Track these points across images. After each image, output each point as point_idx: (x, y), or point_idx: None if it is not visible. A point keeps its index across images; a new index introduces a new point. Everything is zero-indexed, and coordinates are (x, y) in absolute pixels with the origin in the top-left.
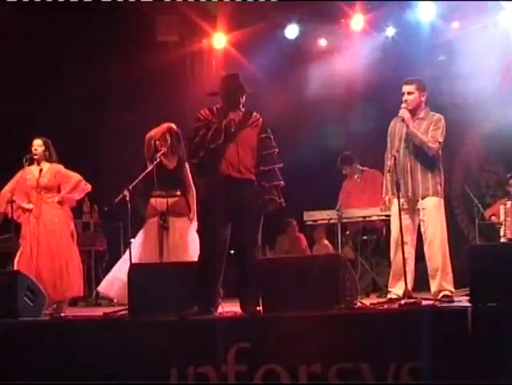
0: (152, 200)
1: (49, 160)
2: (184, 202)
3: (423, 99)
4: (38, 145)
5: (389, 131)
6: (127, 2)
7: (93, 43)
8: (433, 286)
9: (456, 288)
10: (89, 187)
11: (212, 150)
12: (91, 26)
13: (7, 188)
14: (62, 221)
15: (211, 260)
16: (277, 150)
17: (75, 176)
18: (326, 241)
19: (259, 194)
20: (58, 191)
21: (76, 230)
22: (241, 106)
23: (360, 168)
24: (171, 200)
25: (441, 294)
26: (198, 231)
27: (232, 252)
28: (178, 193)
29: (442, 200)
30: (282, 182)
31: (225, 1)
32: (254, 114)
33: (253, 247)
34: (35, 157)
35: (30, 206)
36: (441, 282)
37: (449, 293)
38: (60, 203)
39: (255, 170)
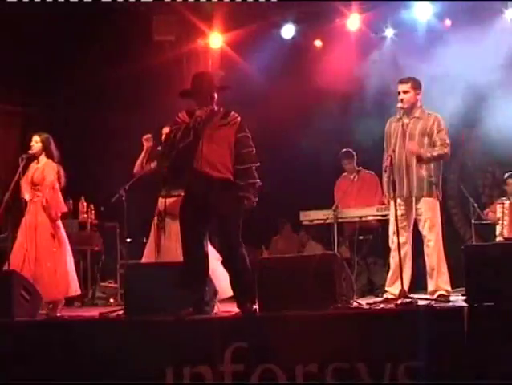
0: (158, 200)
1: (47, 157)
2: None
3: (418, 97)
4: (35, 141)
5: (385, 131)
6: (123, 2)
7: (89, 43)
8: (430, 286)
9: (452, 288)
10: (53, 196)
11: (183, 149)
12: (88, 25)
13: (22, 182)
14: (43, 223)
15: (193, 262)
16: (254, 149)
17: (47, 181)
18: (313, 243)
19: (237, 193)
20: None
21: (68, 231)
22: (211, 103)
23: (357, 167)
24: (169, 201)
25: (437, 294)
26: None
27: None
28: (178, 194)
29: (437, 200)
30: (259, 181)
31: (222, 0)
32: (232, 113)
33: (236, 246)
34: (32, 152)
35: (27, 196)
36: (437, 282)
37: (445, 293)
38: (42, 205)
39: (233, 169)
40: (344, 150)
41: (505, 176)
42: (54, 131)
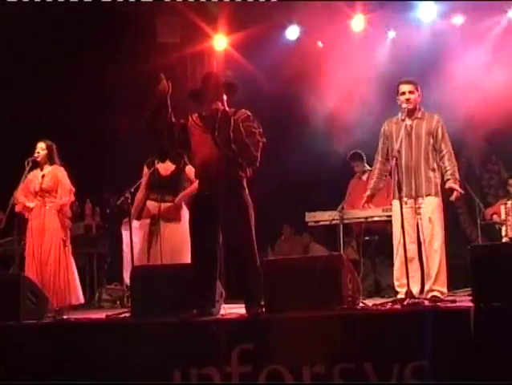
0: (148, 203)
1: (51, 164)
2: (177, 207)
3: (419, 98)
4: (41, 148)
5: (382, 131)
6: (127, 4)
7: (94, 45)
8: (428, 285)
9: (458, 288)
10: (71, 199)
11: (192, 153)
12: (92, 28)
13: (19, 190)
14: (55, 230)
15: (201, 265)
16: (257, 138)
17: (65, 185)
18: (317, 245)
19: (244, 191)
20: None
21: (73, 235)
22: (218, 102)
23: (368, 167)
24: (163, 206)
25: (431, 294)
26: (190, 235)
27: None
28: (172, 199)
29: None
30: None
31: (226, 2)
32: (241, 110)
33: (247, 247)
34: (38, 160)
35: (32, 204)
36: (436, 283)
37: (440, 295)
38: (57, 210)
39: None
40: (352, 152)
41: (507, 175)
42: (59, 133)
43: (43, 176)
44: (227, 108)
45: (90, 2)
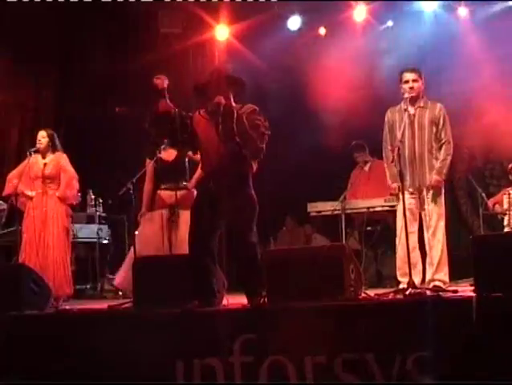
0: (160, 193)
1: (53, 151)
2: (192, 194)
3: (423, 87)
4: (42, 137)
5: (386, 120)
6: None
7: (95, 36)
8: (429, 275)
9: (460, 278)
10: (77, 186)
11: (196, 145)
12: (93, 18)
13: (15, 172)
14: (58, 217)
15: (197, 256)
16: (263, 130)
17: (70, 172)
18: (319, 235)
19: (248, 187)
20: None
21: (72, 224)
22: (226, 96)
23: (370, 157)
24: (179, 193)
25: (433, 284)
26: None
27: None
28: (185, 185)
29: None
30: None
31: None
32: (249, 105)
33: (248, 240)
34: (40, 148)
35: (32, 193)
36: (438, 272)
37: (442, 285)
38: (60, 198)
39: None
40: (354, 142)
41: (510, 166)
42: (62, 124)
43: (45, 164)
44: (233, 103)
45: None
